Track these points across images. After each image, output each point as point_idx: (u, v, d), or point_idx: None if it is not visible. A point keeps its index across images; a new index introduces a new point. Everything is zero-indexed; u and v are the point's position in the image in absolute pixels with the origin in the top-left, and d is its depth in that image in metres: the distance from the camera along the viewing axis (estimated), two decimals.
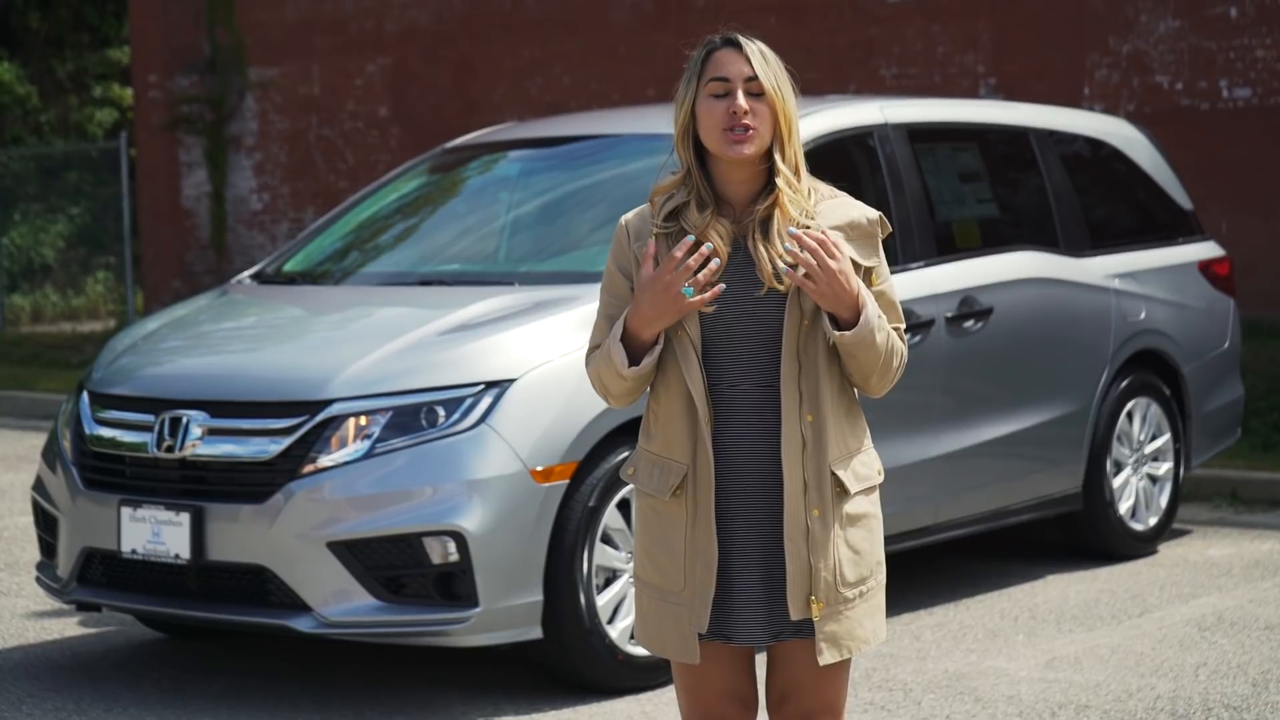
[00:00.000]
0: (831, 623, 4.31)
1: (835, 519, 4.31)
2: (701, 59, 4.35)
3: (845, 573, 4.32)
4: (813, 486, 4.28)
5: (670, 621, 4.36)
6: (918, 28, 16.86)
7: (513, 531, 6.83)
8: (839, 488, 4.31)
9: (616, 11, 18.55)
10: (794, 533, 4.28)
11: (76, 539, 7.39)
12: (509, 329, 7.17)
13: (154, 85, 21.42)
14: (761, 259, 4.27)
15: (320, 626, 6.81)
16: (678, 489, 4.32)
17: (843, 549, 4.32)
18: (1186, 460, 9.83)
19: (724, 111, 4.28)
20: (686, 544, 4.32)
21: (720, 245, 4.27)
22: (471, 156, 9.21)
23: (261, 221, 21.18)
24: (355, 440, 6.87)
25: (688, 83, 4.35)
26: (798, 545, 4.28)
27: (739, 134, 4.27)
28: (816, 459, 4.28)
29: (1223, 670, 7.27)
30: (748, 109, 4.27)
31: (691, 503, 4.32)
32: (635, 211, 4.45)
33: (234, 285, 8.74)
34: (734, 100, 4.28)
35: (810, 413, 4.28)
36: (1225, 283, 10.17)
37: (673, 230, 4.33)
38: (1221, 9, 15.49)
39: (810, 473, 4.28)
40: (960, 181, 9.17)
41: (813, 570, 4.28)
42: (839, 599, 4.31)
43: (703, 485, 4.30)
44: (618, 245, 4.42)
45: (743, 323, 4.28)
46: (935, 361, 8.28)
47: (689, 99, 4.34)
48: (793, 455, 4.27)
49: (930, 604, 8.48)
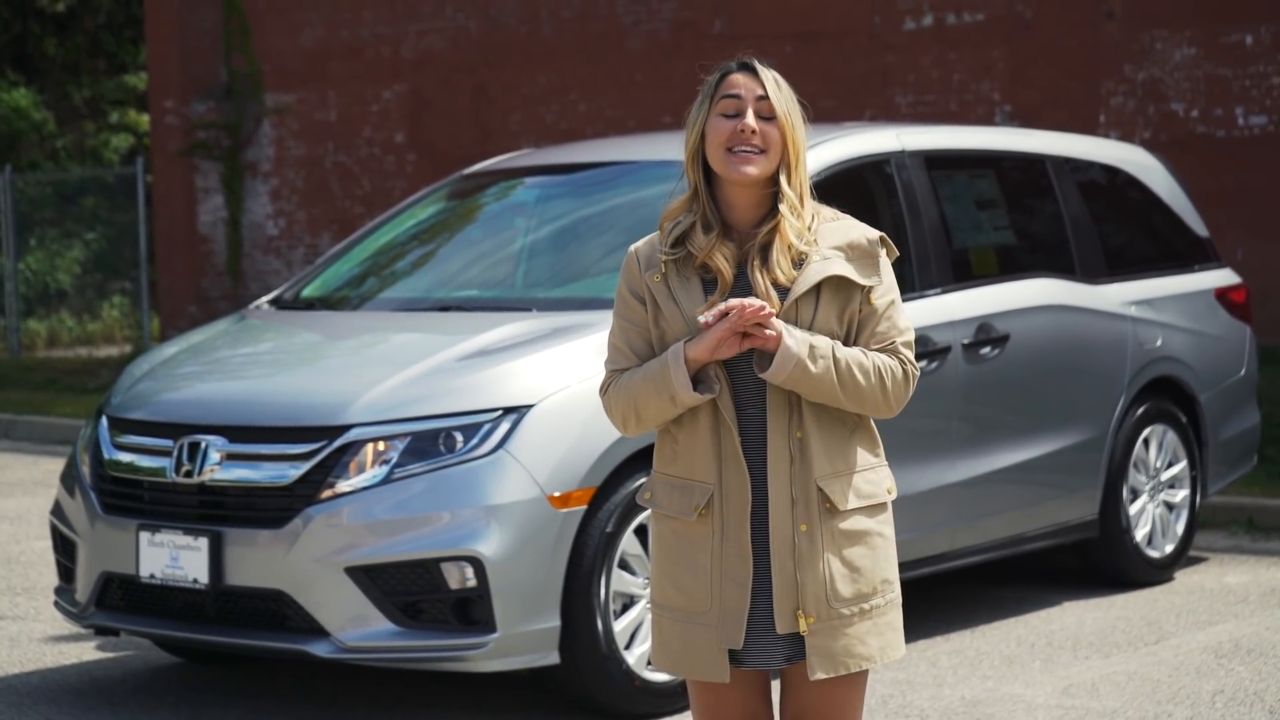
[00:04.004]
0: (824, 638, 4.32)
1: (825, 535, 4.32)
2: (716, 81, 4.40)
3: (839, 588, 4.33)
4: (800, 502, 4.31)
5: (698, 642, 4.37)
6: (934, 55, 16.89)
7: (530, 557, 6.84)
8: (827, 504, 4.33)
9: (632, 39, 18.59)
10: (780, 547, 4.31)
11: (95, 563, 7.40)
12: (526, 355, 7.19)
13: (171, 111, 21.49)
14: (758, 284, 4.30)
15: (338, 651, 6.82)
16: (703, 509, 4.33)
17: (835, 565, 4.33)
18: (1203, 487, 9.82)
19: (731, 130, 4.32)
20: (713, 563, 4.34)
21: (725, 267, 4.31)
22: (489, 183, 9.23)
23: (277, 247, 21.23)
24: (373, 465, 6.88)
25: (700, 104, 4.40)
26: (783, 560, 4.31)
27: (744, 153, 4.31)
28: (804, 475, 4.31)
29: (1240, 698, 7.27)
30: (755, 129, 4.31)
31: (719, 522, 4.33)
32: (645, 240, 4.48)
33: (252, 310, 8.76)
34: (743, 119, 4.31)
35: (799, 429, 4.30)
36: (1241, 310, 10.17)
37: (680, 255, 4.37)
38: (1237, 36, 15.51)
39: (798, 489, 4.31)
40: (977, 208, 9.18)
41: (799, 585, 4.30)
42: (832, 615, 4.32)
43: (733, 503, 4.32)
44: (629, 273, 4.45)
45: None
46: (952, 388, 8.28)
47: (700, 120, 4.38)
48: (779, 471, 4.30)
49: (947, 630, 8.48)
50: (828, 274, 4.32)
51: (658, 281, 4.37)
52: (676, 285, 4.35)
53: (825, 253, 4.34)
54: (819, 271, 4.32)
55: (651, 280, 4.37)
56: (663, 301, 4.36)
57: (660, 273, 4.37)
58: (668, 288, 4.35)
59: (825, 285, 4.32)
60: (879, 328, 4.38)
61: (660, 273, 4.37)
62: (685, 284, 4.35)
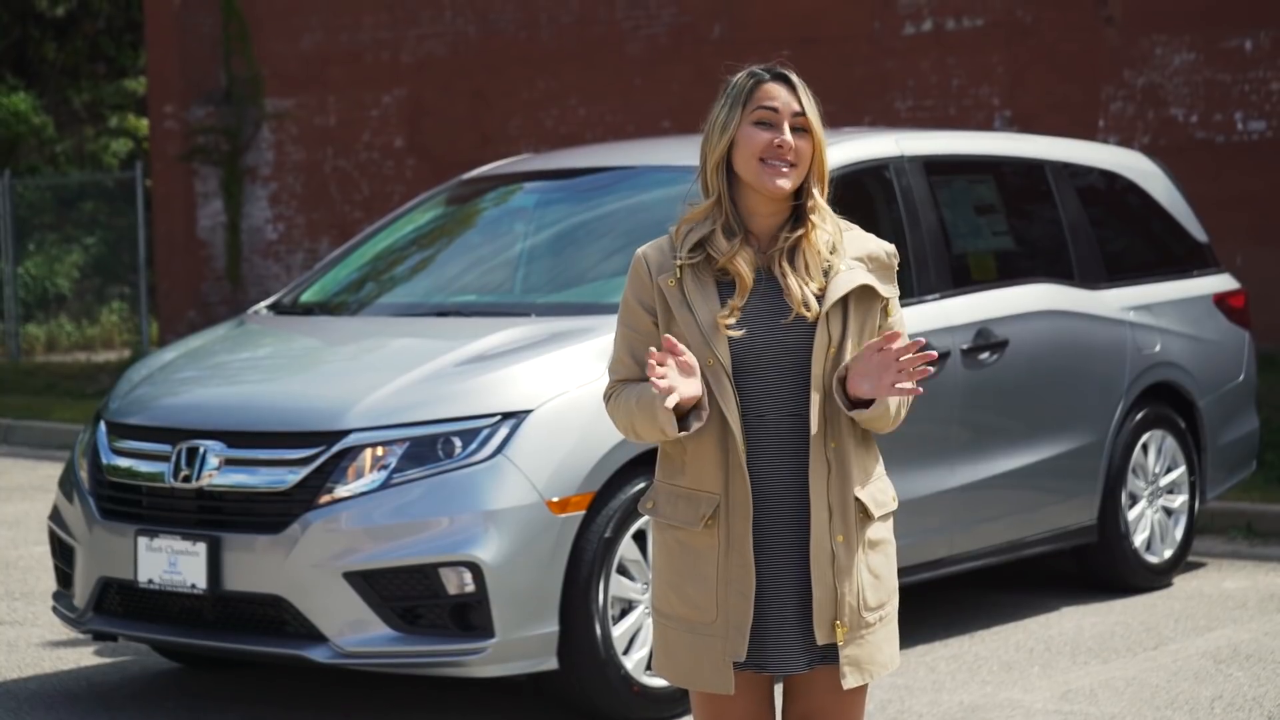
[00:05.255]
0: (854, 647, 4.34)
1: (859, 544, 4.34)
2: (749, 89, 4.36)
3: (867, 597, 4.36)
4: (837, 513, 4.31)
5: (703, 653, 4.36)
6: (933, 60, 16.89)
7: (529, 562, 6.83)
8: (862, 513, 4.35)
9: (632, 44, 18.59)
10: (820, 558, 4.31)
11: (93, 569, 7.40)
12: (525, 360, 7.18)
13: (170, 116, 21.49)
14: (791, 288, 4.29)
15: (336, 657, 6.82)
16: (709, 520, 4.33)
17: (865, 574, 4.36)
18: (1202, 493, 9.82)
19: (767, 143, 4.30)
20: (719, 574, 4.34)
21: (745, 271, 4.30)
22: (488, 188, 9.23)
23: (277, 252, 21.23)
24: (372, 471, 6.88)
25: (730, 110, 4.35)
26: (824, 571, 4.31)
27: (780, 167, 4.30)
28: (841, 485, 4.32)
29: (1238, 703, 7.26)
30: (793, 144, 4.30)
31: (725, 532, 4.33)
32: (653, 244, 4.44)
33: (251, 316, 8.76)
34: (780, 133, 4.31)
35: (834, 439, 4.31)
36: (1240, 315, 10.17)
37: (698, 260, 4.34)
38: (1236, 42, 15.51)
39: (835, 499, 4.31)
40: (976, 214, 9.18)
41: (838, 595, 4.31)
42: (861, 623, 4.35)
43: (737, 514, 4.31)
44: (636, 278, 4.41)
45: (770, 351, 4.29)
46: (951, 393, 8.28)
47: (732, 127, 4.34)
48: (819, 482, 4.30)
49: (945, 635, 8.47)
50: (857, 284, 4.32)
51: (672, 286, 4.34)
52: (692, 289, 4.32)
53: (849, 263, 4.34)
54: (848, 281, 4.31)
55: (665, 284, 4.34)
56: (675, 306, 4.33)
57: (675, 277, 4.35)
58: (682, 292, 4.33)
59: (852, 295, 4.32)
60: None
61: (675, 277, 4.35)
62: (702, 288, 4.32)
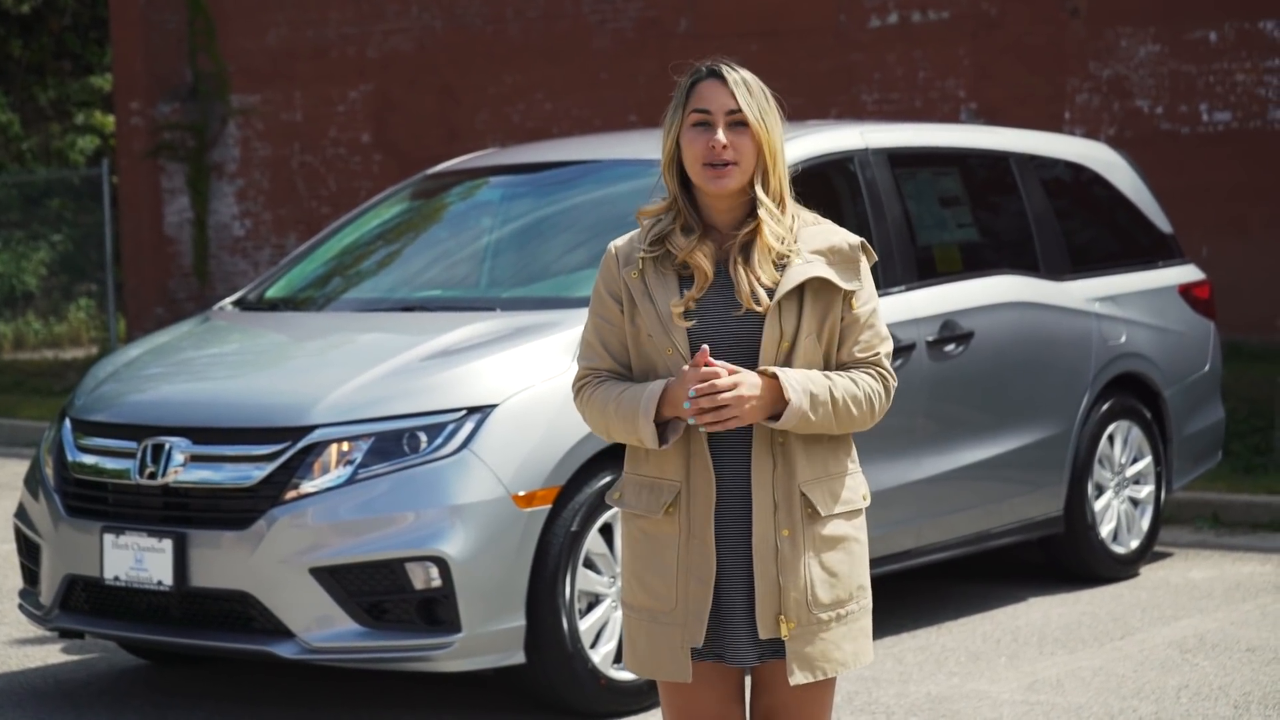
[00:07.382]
0: (803, 643, 4.33)
1: (806, 540, 4.33)
2: (686, 89, 4.38)
3: (818, 594, 4.34)
4: (783, 507, 4.32)
5: (662, 642, 4.37)
6: (899, 53, 16.91)
7: (495, 557, 6.83)
8: (809, 509, 4.33)
9: (598, 38, 18.59)
10: (763, 551, 4.31)
11: (59, 566, 7.38)
12: (491, 354, 7.18)
13: (136, 112, 21.42)
14: (740, 282, 4.30)
15: (303, 652, 6.81)
16: (670, 507, 4.34)
17: (815, 570, 4.34)
18: (1168, 483, 9.85)
19: (704, 145, 4.31)
20: (679, 561, 4.34)
21: (705, 265, 4.30)
22: (453, 182, 9.22)
23: (244, 248, 21.18)
24: (338, 466, 6.87)
25: (673, 112, 4.39)
26: (766, 564, 4.31)
27: (718, 169, 4.31)
28: (786, 480, 4.32)
29: (1204, 692, 7.29)
30: (726, 144, 4.31)
31: (685, 519, 4.34)
32: (625, 237, 4.47)
33: (216, 312, 8.74)
34: (713, 134, 4.31)
35: (782, 434, 4.31)
36: (1206, 306, 10.20)
37: (659, 254, 4.37)
38: (1201, 33, 15.55)
39: (780, 493, 4.31)
40: (941, 206, 9.19)
41: (781, 589, 4.31)
42: (811, 620, 4.33)
43: (698, 501, 4.32)
44: (607, 270, 4.44)
45: (723, 343, 4.31)
46: (916, 385, 8.29)
47: (674, 129, 4.37)
48: (763, 475, 4.31)
49: (912, 627, 8.49)
50: (809, 275, 4.32)
51: (635, 278, 4.37)
52: (654, 282, 4.35)
53: (807, 256, 4.35)
54: (801, 273, 4.32)
55: (629, 276, 4.37)
56: (638, 298, 4.36)
57: (637, 269, 4.37)
58: (644, 284, 4.36)
59: (808, 288, 4.32)
60: (862, 336, 4.39)
61: (637, 269, 4.37)
62: (663, 280, 4.35)
